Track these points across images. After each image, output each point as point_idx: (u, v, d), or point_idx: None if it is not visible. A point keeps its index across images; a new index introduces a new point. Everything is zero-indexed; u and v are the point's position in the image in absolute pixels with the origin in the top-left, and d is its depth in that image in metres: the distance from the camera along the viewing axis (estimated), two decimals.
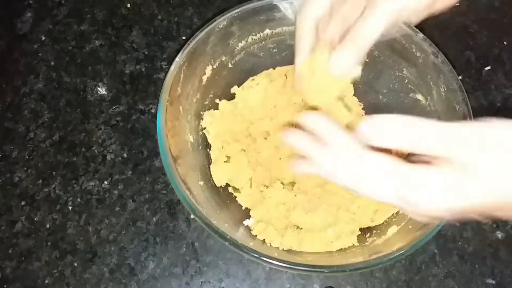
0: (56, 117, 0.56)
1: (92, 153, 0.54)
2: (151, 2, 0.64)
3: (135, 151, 0.54)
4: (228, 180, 0.50)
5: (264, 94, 0.53)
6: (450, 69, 0.45)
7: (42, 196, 0.51)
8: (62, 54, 0.60)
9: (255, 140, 0.51)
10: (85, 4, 0.63)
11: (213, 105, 0.53)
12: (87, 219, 0.50)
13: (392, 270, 0.49)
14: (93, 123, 0.55)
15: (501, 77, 0.60)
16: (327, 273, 0.44)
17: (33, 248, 0.49)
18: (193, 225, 0.50)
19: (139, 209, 0.51)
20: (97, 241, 0.49)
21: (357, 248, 0.46)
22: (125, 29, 0.62)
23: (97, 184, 0.52)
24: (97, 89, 0.58)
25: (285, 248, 0.45)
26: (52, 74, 0.58)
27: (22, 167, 0.53)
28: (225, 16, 0.47)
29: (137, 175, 0.53)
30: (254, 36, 0.52)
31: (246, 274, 0.48)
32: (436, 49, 0.46)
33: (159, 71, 0.59)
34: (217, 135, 0.51)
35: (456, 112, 0.44)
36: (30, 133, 0.55)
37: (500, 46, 0.62)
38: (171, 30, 0.62)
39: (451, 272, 0.49)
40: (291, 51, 0.55)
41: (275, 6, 0.49)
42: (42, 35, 0.61)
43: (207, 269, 0.49)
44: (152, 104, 0.57)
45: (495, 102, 0.59)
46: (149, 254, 0.49)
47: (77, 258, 0.49)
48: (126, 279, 0.48)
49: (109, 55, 0.60)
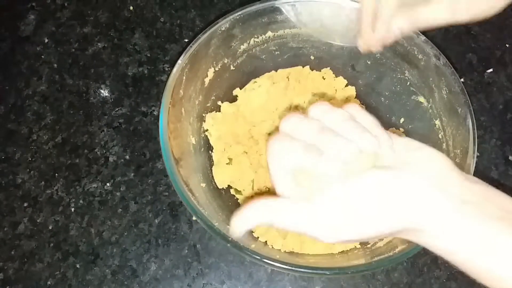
0: (58, 119, 0.56)
1: (94, 155, 0.54)
2: (153, 4, 0.64)
3: (137, 153, 0.54)
4: (230, 182, 0.50)
5: (266, 96, 0.53)
6: (452, 72, 0.45)
7: (44, 198, 0.52)
8: (65, 56, 0.60)
9: (257, 142, 0.51)
10: (88, 7, 0.63)
11: (215, 107, 0.53)
12: (90, 221, 0.51)
13: (394, 272, 0.49)
14: (96, 125, 0.56)
15: (503, 79, 0.60)
16: (329, 275, 0.44)
17: (36, 250, 0.49)
18: (195, 227, 0.50)
19: (141, 211, 0.51)
20: (99, 242, 0.50)
21: (359, 250, 0.46)
22: (128, 32, 0.62)
23: (100, 186, 0.52)
24: (100, 91, 0.58)
25: (287, 250, 0.45)
26: (55, 76, 0.59)
27: (24, 168, 0.53)
28: (227, 19, 0.47)
29: (139, 177, 0.53)
30: (256, 38, 0.52)
31: (248, 276, 0.48)
32: (438, 51, 0.46)
33: (162, 74, 0.59)
34: (219, 137, 0.51)
35: (458, 114, 0.44)
36: (32, 135, 0.55)
37: (502, 48, 0.62)
38: (173, 32, 0.62)
39: (453, 274, 0.49)
40: (293, 53, 0.55)
41: (277, 9, 0.49)
42: (45, 37, 0.61)
43: (209, 271, 0.49)
44: (154, 106, 0.57)
45: (497, 104, 0.59)
46: (151, 256, 0.49)
47: (79, 260, 0.49)
48: (128, 281, 0.48)
49: (111, 58, 0.60)
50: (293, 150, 0.29)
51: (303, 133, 0.30)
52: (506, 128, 0.57)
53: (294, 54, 0.55)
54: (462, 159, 0.43)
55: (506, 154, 0.56)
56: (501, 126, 0.57)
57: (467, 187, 0.28)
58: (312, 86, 0.54)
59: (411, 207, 0.27)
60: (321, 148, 0.29)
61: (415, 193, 0.27)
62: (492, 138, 0.56)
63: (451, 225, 0.26)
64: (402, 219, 0.27)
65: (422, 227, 0.27)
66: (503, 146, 0.56)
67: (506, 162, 0.55)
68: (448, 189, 0.27)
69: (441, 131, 0.47)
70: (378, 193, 0.27)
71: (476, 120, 0.43)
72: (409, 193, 0.27)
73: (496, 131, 0.57)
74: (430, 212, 0.27)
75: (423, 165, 0.28)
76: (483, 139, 0.56)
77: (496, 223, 0.26)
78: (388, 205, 0.27)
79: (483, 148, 0.56)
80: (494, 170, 0.55)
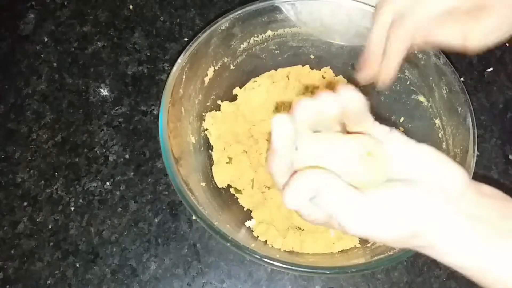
0: (58, 118, 0.56)
1: (94, 154, 0.54)
2: (153, 3, 0.64)
3: (137, 152, 0.54)
4: (230, 181, 0.50)
5: (266, 95, 0.53)
6: (452, 71, 0.45)
7: (44, 197, 0.52)
8: (64, 55, 0.60)
9: (257, 142, 0.51)
10: (87, 6, 0.63)
11: (215, 106, 0.53)
12: (89, 220, 0.51)
13: (394, 271, 0.49)
14: (96, 124, 0.56)
15: (503, 79, 0.60)
16: (328, 274, 0.44)
17: (35, 249, 0.49)
18: (195, 226, 0.50)
19: (141, 210, 0.51)
20: (99, 242, 0.50)
21: (359, 250, 0.46)
22: (128, 31, 0.62)
23: (99, 185, 0.52)
24: (100, 90, 0.58)
25: (287, 249, 0.45)
26: (54, 75, 0.59)
27: (24, 168, 0.53)
28: (227, 18, 0.47)
29: (139, 176, 0.53)
30: (256, 37, 0.52)
31: (248, 275, 0.48)
32: (438, 50, 0.46)
33: (161, 73, 0.59)
34: (219, 137, 0.51)
35: (458, 113, 0.44)
36: (32, 134, 0.55)
37: (502, 47, 0.62)
38: (173, 31, 0.62)
39: (453, 273, 0.49)
40: (293, 52, 0.55)
41: (277, 8, 0.49)
42: (44, 36, 0.61)
43: (209, 270, 0.49)
44: (154, 105, 0.57)
45: (497, 103, 0.59)
46: (151, 255, 0.49)
47: (79, 259, 0.49)
48: (128, 280, 0.48)
49: (111, 57, 0.60)
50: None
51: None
52: (506, 127, 0.57)
53: (294, 53, 0.55)
54: (462, 158, 0.43)
55: (506, 153, 0.56)
56: (501, 125, 0.57)
57: (482, 204, 0.28)
58: (312, 85, 0.54)
59: (423, 222, 0.27)
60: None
61: (427, 210, 0.27)
62: (492, 137, 0.56)
63: (461, 243, 0.27)
64: (414, 234, 0.27)
65: (432, 243, 0.27)
66: (503, 145, 0.56)
67: (506, 161, 0.55)
68: (462, 206, 0.27)
69: (441, 130, 0.47)
70: (397, 204, 0.27)
71: (476, 119, 0.43)
72: (421, 209, 0.27)
73: (496, 130, 0.57)
74: (441, 228, 0.27)
75: (440, 181, 0.28)
76: (483, 138, 0.56)
77: (509, 240, 0.26)
78: (403, 218, 0.27)
79: (483, 147, 0.56)
80: (494, 169, 0.55)
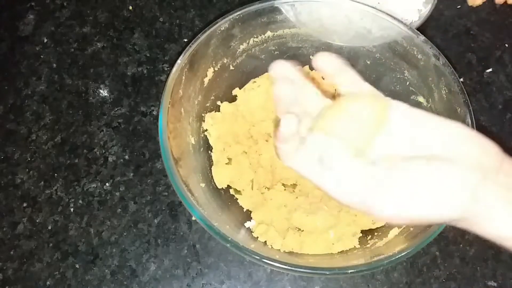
0: (58, 119, 0.56)
1: (93, 155, 0.54)
2: (153, 4, 0.64)
3: (136, 153, 0.54)
4: (230, 182, 0.50)
5: (265, 96, 0.53)
6: (451, 71, 0.45)
7: (43, 198, 0.51)
8: (64, 56, 0.60)
9: (256, 142, 0.51)
10: (87, 7, 0.63)
11: (215, 107, 0.53)
12: (89, 221, 0.51)
13: (393, 272, 0.49)
14: (95, 125, 0.56)
15: (502, 79, 0.60)
16: (328, 275, 0.44)
17: (35, 250, 0.49)
18: (194, 227, 0.50)
19: (140, 211, 0.51)
20: (98, 243, 0.50)
21: (358, 250, 0.46)
22: (127, 31, 0.62)
23: (99, 186, 0.52)
24: (99, 91, 0.58)
25: (287, 250, 0.45)
26: (54, 76, 0.59)
27: (24, 168, 0.53)
28: (226, 19, 0.47)
29: (138, 177, 0.53)
30: (255, 38, 0.52)
31: (247, 276, 0.48)
32: (437, 51, 0.46)
33: (161, 73, 0.59)
34: (219, 137, 0.51)
35: (458, 114, 0.44)
36: (32, 135, 0.55)
37: (501, 48, 0.62)
38: (173, 32, 0.62)
39: (452, 274, 0.49)
40: (293, 53, 0.55)
41: (277, 9, 0.49)
42: (44, 37, 0.61)
43: (208, 271, 0.49)
44: (153, 106, 0.57)
45: (497, 104, 0.59)
46: (151, 256, 0.49)
47: (78, 260, 0.49)
48: (128, 281, 0.48)
49: (111, 57, 0.60)
50: None
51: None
52: (505, 128, 0.57)
53: (294, 54, 0.55)
54: None
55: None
56: (500, 126, 0.57)
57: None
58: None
59: (462, 196, 0.28)
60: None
61: (468, 185, 0.28)
62: (491, 138, 0.56)
63: (504, 214, 0.27)
64: (455, 208, 0.28)
65: (472, 216, 0.28)
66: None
67: None
68: (500, 179, 0.28)
69: None
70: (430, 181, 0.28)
71: (476, 120, 0.43)
72: (463, 185, 0.28)
73: (496, 131, 0.57)
74: (484, 203, 0.28)
75: (476, 156, 0.30)
76: None
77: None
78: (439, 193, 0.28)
79: None
80: None
